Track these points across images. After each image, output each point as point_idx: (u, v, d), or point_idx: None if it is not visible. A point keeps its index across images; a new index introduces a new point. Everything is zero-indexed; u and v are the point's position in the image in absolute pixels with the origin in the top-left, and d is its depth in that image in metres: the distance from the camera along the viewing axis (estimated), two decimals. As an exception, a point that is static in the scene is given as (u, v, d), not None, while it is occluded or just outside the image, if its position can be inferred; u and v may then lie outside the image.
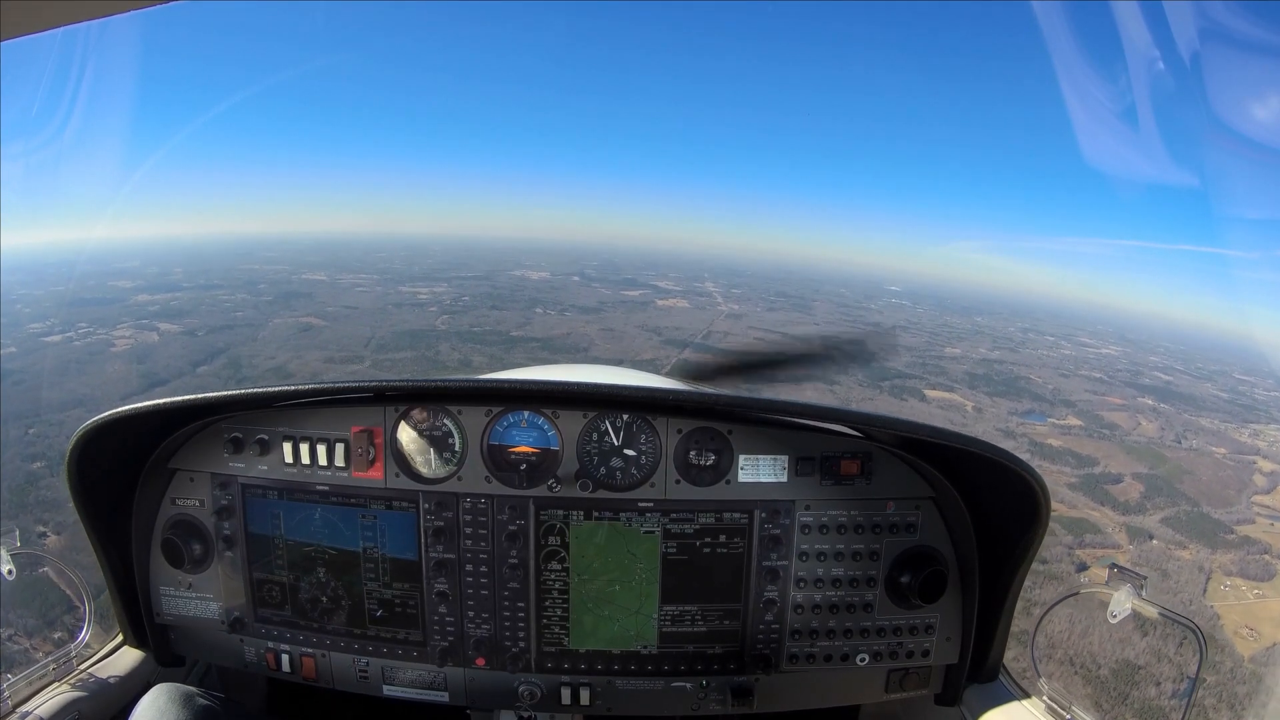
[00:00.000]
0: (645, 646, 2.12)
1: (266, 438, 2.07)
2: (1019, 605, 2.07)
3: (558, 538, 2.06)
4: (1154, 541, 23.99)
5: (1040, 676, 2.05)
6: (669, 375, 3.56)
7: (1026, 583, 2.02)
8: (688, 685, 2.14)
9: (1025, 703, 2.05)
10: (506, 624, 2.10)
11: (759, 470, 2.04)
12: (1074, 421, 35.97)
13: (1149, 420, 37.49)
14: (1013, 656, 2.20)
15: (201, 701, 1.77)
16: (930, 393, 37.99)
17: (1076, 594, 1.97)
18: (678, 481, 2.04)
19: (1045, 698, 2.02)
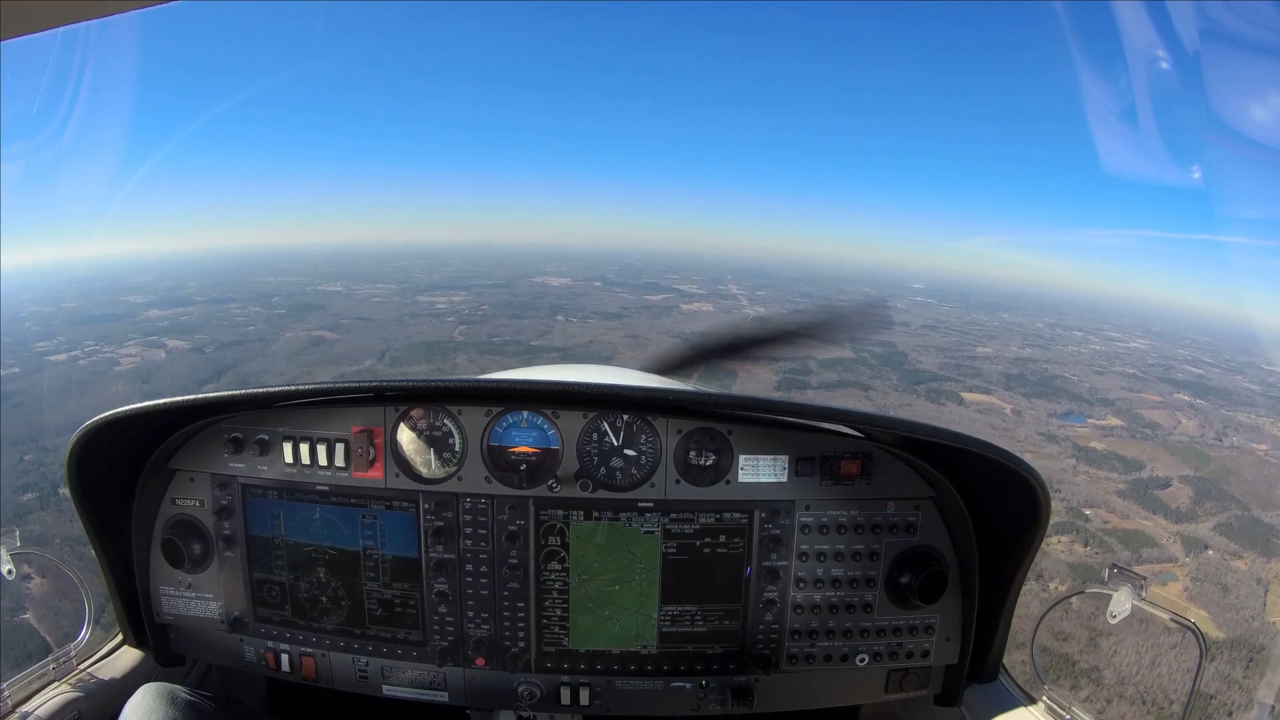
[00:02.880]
0: (645, 646, 2.11)
1: (267, 438, 2.07)
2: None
3: (558, 538, 2.06)
4: (1209, 552, 23.38)
5: (1040, 677, 2.03)
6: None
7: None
8: (687, 685, 2.14)
9: (1025, 702, 2.05)
10: (506, 624, 2.10)
11: (759, 470, 2.03)
12: (1114, 422, 35.09)
13: (1188, 418, 36.42)
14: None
15: (190, 700, 1.77)
16: (968, 395, 37.38)
17: (1079, 594, 1.96)
18: (678, 481, 2.03)
19: (1045, 698, 2.01)
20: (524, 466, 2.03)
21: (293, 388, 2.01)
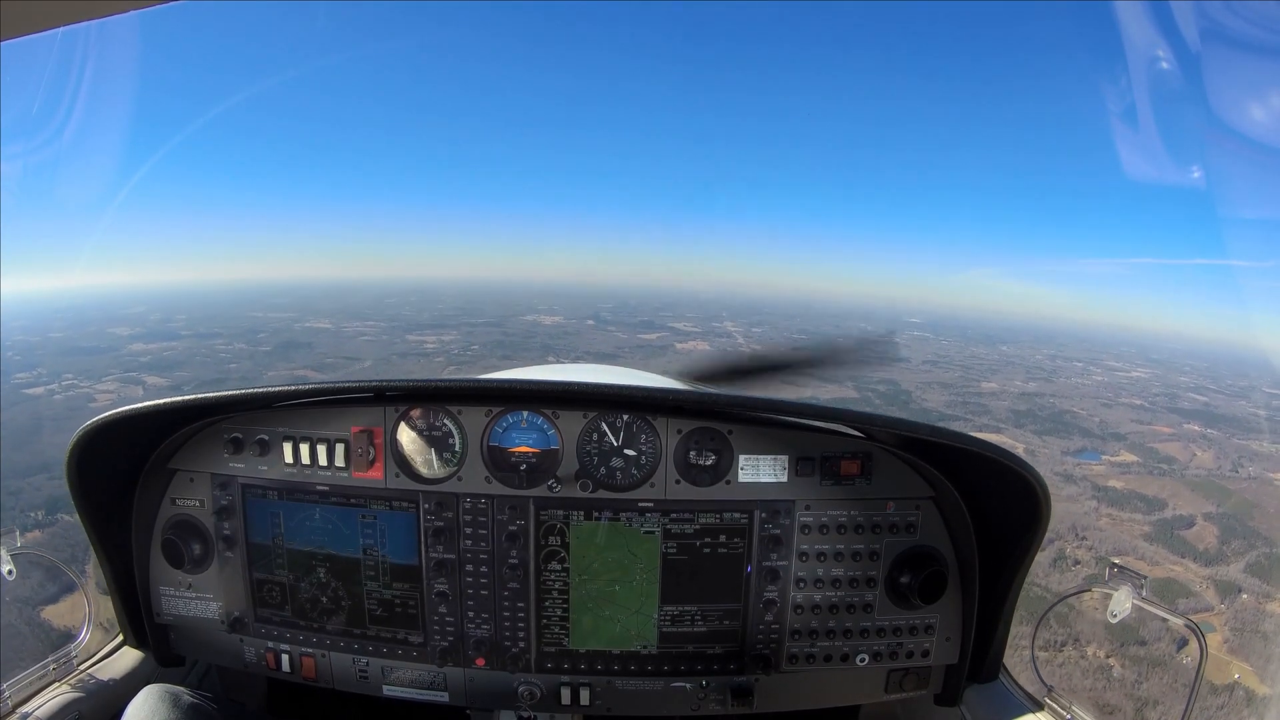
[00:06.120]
0: (645, 646, 2.11)
1: (266, 438, 2.07)
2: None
3: (558, 538, 2.05)
4: (1244, 596, 22.52)
5: (1040, 676, 2.03)
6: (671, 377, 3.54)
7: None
8: (688, 685, 2.13)
9: (1025, 702, 2.05)
10: (506, 624, 2.10)
11: (759, 470, 2.03)
12: (1129, 457, 34.38)
13: (1202, 449, 35.69)
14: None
15: (193, 702, 1.76)
16: (978, 436, 36.58)
17: (1083, 591, 1.96)
18: (678, 481, 2.03)
19: (1046, 697, 2.01)
20: (524, 467, 2.04)
21: (293, 387, 2.02)
